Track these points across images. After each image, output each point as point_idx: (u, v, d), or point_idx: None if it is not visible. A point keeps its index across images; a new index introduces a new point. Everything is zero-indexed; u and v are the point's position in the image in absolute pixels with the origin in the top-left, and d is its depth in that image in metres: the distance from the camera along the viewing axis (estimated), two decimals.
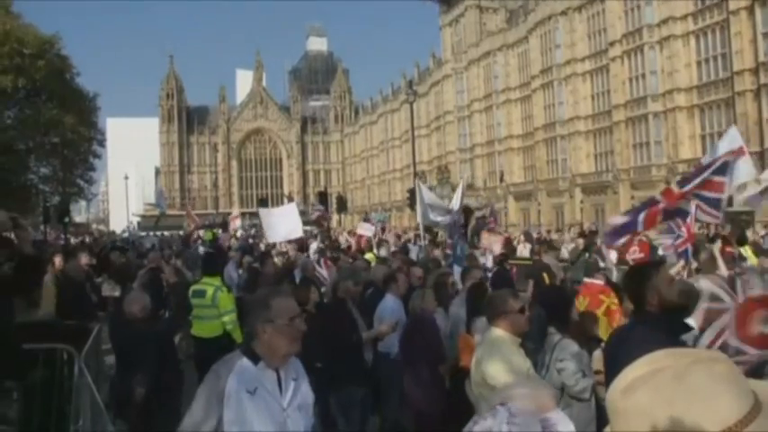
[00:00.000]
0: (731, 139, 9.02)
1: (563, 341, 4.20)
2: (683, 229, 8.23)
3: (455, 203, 13.39)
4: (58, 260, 9.82)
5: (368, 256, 13.17)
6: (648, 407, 0.89)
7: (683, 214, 7.63)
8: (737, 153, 8.52)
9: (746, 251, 11.24)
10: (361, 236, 18.34)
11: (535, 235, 23.32)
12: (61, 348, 5.20)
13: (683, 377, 0.89)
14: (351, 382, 5.53)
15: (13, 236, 3.99)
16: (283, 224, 14.93)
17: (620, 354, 2.93)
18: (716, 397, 0.86)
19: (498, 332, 3.84)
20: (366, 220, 26.76)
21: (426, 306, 5.94)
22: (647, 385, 0.90)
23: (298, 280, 9.03)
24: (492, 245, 12.64)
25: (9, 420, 5.58)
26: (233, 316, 7.56)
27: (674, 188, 7.66)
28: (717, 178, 7.62)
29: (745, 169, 8.73)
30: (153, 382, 4.67)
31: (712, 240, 11.14)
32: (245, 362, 2.51)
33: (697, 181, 7.54)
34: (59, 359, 5.20)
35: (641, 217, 7.37)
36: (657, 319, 3.23)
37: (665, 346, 1.04)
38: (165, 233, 36.88)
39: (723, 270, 6.38)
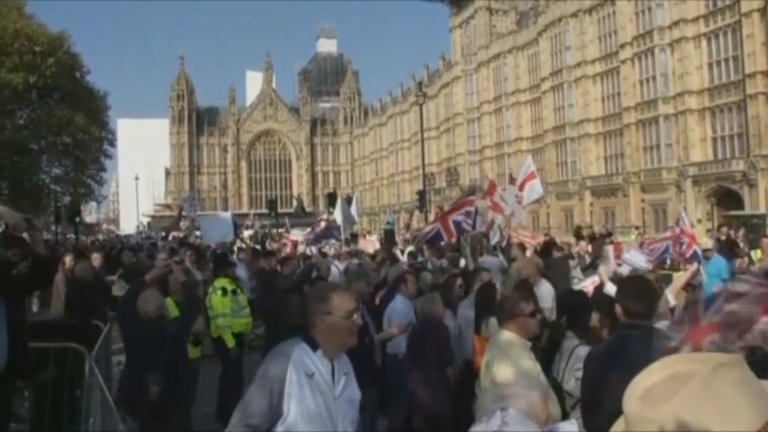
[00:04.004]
0: (528, 167, 12.53)
1: (579, 348, 4.15)
2: (684, 235, 8.72)
3: (355, 216, 18.72)
4: (69, 260, 9.88)
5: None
6: (676, 416, 0.89)
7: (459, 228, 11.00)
8: (531, 177, 12.12)
9: (757, 254, 11.17)
10: (295, 241, 20.32)
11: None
12: (72, 347, 5.24)
13: (709, 384, 0.89)
14: (362, 384, 5.54)
15: (26, 236, 4.02)
16: (218, 229, 16.48)
17: (617, 367, 2.70)
18: (740, 403, 0.87)
19: (508, 335, 3.84)
20: (293, 226, 28.08)
21: (435, 309, 5.95)
22: (675, 395, 0.90)
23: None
24: (366, 247, 14.70)
25: (21, 418, 5.63)
26: (221, 320, 7.52)
27: (444, 208, 11.73)
28: (470, 197, 11.31)
29: (537, 189, 12.12)
30: (165, 381, 4.70)
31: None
32: (304, 347, 2.64)
33: (460, 202, 11.21)
34: (70, 358, 5.24)
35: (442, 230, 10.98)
36: (649, 330, 3.19)
37: (664, 356, 1.05)
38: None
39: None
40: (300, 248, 18.26)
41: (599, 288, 7.40)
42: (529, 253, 10.46)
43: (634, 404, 0.94)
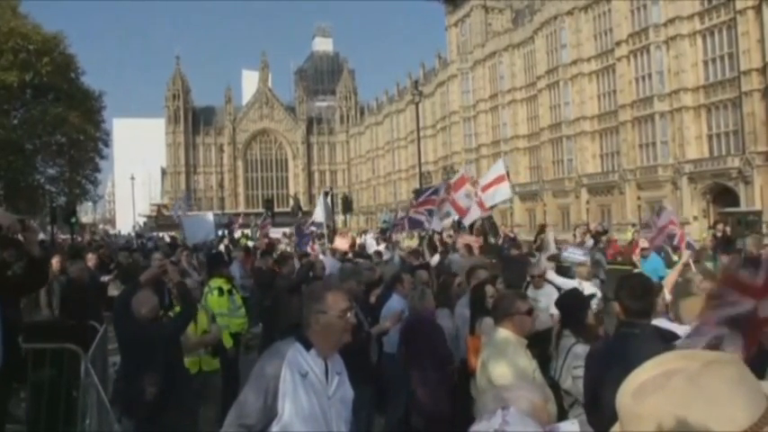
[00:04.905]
0: (497, 169, 13.02)
1: (577, 347, 4.14)
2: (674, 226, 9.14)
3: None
4: (55, 262, 9.59)
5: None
6: (662, 411, 0.89)
7: (418, 223, 13.07)
8: (499, 180, 12.55)
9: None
10: (272, 238, 21.05)
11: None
12: (68, 348, 5.23)
13: (696, 380, 0.89)
14: (359, 382, 5.52)
15: (21, 237, 4.00)
16: (200, 229, 17.08)
17: (617, 366, 2.70)
18: (730, 400, 0.86)
19: (504, 333, 3.84)
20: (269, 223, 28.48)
21: (425, 305, 5.93)
22: (661, 389, 0.90)
23: None
24: (341, 246, 15.59)
25: (18, 419, 5.62)
26: (219, 320, 7.48)
27: (413, 202, 13.00)
28: (432, 197, 12.70)
29: (504, 191, 12.63)
30: (161, 382, 4.69)
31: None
32: (298, 347, 2.65)
33: (422, 199, 12.84)
34: (66, 359, 5.22)
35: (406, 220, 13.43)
36: (651, 328, 3.18)
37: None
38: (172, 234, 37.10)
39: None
40: (283, 246, 18.51)
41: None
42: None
43: (626, 400, 0.94)
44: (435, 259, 11.79)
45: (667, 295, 5.66)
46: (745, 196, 37.17)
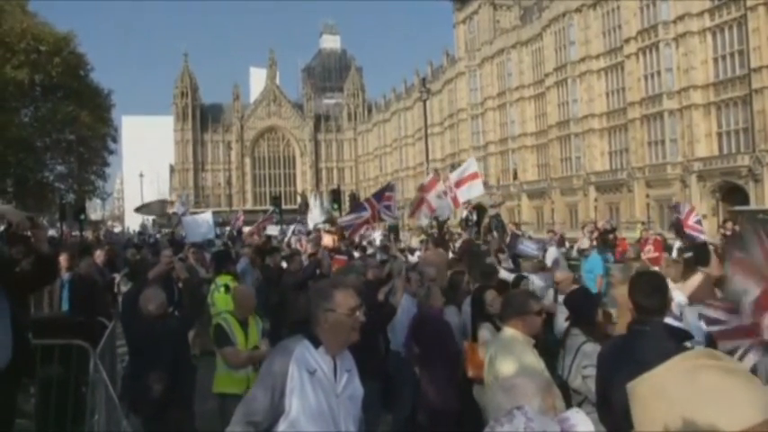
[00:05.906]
0: (468, 167, 13.45)
1: (586, 345, 4.12)
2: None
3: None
4: (63, 259, 9.51)
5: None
6: (661, 403, 0.89)
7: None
8: (472, 177, 12.94)
9: None
10: (269, 235, 21.29)
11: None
12: (77, 344, 5.26)
13: (695, 376, 0.89)
14: (367, 378, 5.52)
15: (30, 234, 4.02)
16: (200, 228, 17.83)
17: (627, 364, 2.60)
18: (733, 398, 0.86)
19: (512, 332, 3.83)
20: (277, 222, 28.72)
21: (433, 303, 5.93)
22: (663, 382, 0.92)
23: None
24: (328, 243, 16.04)
25: (27, 414, 5.65)
26: None
27: (372, 200, 13.16)
28: (387, 193, 13.22)
29: (477, 189, 13.13)
30: (168, 379, 4.70)
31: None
32: (306, 344, 2.64)
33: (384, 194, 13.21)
34: (75, 355, 5.25)
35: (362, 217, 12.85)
36: (662, 326, 3.16)
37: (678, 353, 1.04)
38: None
39: None
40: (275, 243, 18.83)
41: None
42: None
43: (636, 391, 0.94)
44: (418, 255, 12.36)
45: (682, 297, 5.60)
46: (754, 194, 36.92)
